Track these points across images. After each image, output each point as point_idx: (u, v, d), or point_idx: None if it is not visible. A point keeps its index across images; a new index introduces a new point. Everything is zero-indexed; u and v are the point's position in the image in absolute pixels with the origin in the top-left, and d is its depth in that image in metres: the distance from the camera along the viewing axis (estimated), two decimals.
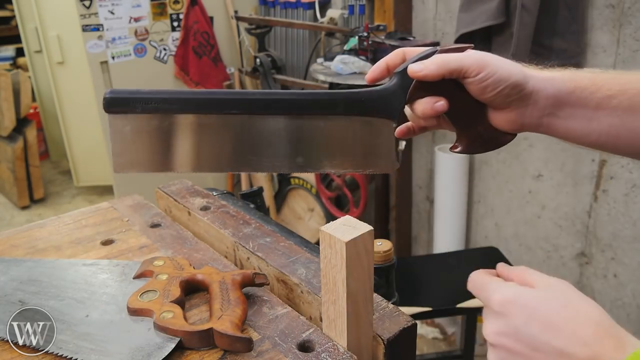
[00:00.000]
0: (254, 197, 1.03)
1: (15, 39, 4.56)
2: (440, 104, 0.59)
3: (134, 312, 0.68)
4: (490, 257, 2.00)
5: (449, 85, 0.60)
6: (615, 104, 0.59)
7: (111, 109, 0.55)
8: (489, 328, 0.48)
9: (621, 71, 0.62)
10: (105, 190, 3.82)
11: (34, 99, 4.13)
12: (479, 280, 0.53)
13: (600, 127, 0.61)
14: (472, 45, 0.62)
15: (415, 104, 0.61)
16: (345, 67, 2.22)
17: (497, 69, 0.58)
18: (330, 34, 2.75)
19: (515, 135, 0.66)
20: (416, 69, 0.58)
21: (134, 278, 0.75)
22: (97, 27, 2.80)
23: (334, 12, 2.75)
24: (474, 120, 0.63)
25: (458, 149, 0.65)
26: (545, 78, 0.61)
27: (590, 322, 0.43)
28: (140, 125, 0.56)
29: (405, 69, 0.59)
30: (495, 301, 0.48)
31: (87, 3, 2.75)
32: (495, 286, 0.50)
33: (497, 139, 0.65)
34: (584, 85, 0.60)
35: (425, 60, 0.59)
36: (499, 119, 0.63)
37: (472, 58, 0.59)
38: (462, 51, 0.61)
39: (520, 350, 0.45)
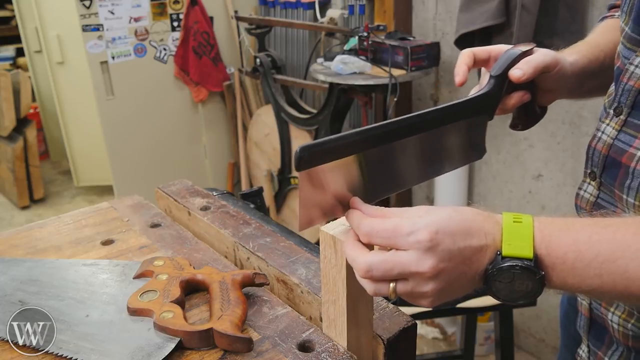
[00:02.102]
0: (254, 197, 1.03)
1: (15, 39, 4.56)
2: (527, 96, 0.75)
3: (134, 312, 0.68)
4: None
5: None
6: (605, 65, 0.80)
7: (306, 165, 0.54)
8: (426, 265, 0.51)
9: (588, 40, 0.86)
10: (105, 190, 3.82)
11: (34, 99, 4.13)
12: (381, 233, 0.53)
13: (596, 83, 0.82)
14: (535, 44, 0.75)
15: (507, 99, 0.74)
16: (345, 67, 2.22)
17: (562, 62, 0.74)
18: (330, 34, 2.75)
19: (547, 108, 0.82)
20: (519, 75, 0.71)
21: (134, 278, 0.75)
22: (97, 27, 2.80)
23: (334, 12, 2.75)
24: (533, 103, 0.77)
25: (519, 128, 0.81)
26: (572, 62, 0.77)
27: (478, 216, 0.54)
28: (332, 172, 0.56)
29: (503, 74, 0.71)
30: (423, 238, 0.51)
31: (87, 3, 2.75)
32: (408, 227, 0.52)
33: (540, 114, 0.80)
34: (587, 59, 0.79)
35: (522, 66, 0.71)
36: (546, 97, 0.78)
37: (549, 56, 0.73)
38: (532, 51, 0.73)
39: (456, 265, 0.52)
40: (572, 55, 0.78)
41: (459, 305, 1.69)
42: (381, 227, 0.53)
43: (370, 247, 0.55)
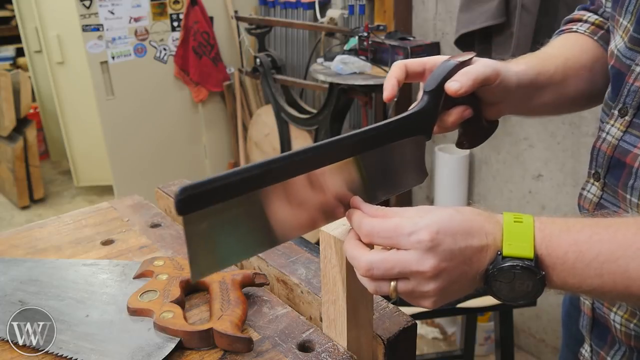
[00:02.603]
0: None
1: (15, 39, 4.56)
2: (468, 112, 0.67)
3: (134, 312, 0.68)
4: None
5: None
6: (555, 79, 0.77)
7: (187, 209, 0.47)
8: (427, 264, 0.51)
9: (539, 52, 0.81)
10: (105, 190, 3.82)
11: (34, 99, 4.13)
12: (382, 233, 0.53)
13: (546, 99, 0.77)
14: (475, 53, 0.69)
15: (446, 115, 0.67)
16: (345, 67, 2.22)
17: (503, 72, 0.68)
18: (330, 34, 2.75)
19: (497, 121, 0.76)
20: (456, 88, 0.63)
21: (134, 278, 0.75)
22: (97, 27, 2.80)
23: (334, 12, 2.75)
24: (478, 118, 0.70)
25: (466, 145, 0.73)
26: (518, 72, 0.71)
27: (478, 216, 0.54)
28: (222, 216, 0.49)
29: (437, 88, 0.64)
30: (424, 238, 0.51)
31: (87, 3, 2.75)
32: (409, 227, 0.51)
33: (490, 128, 0.73)
34: (535, 70, 0.74)
35: (459, 78, 0.64)
36: (492, 111, 0.72)
37: (489, 67, 0.66)
38: (471, 61, 0.67)
39: (457, 265, 0.52)
40: (519, 65, 0.73)
41: (459, 305, 1.69)
42: (382, 226, 0.53)
43: (371, 246, 0.55)
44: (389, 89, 0.67)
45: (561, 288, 0.54)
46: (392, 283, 0.53)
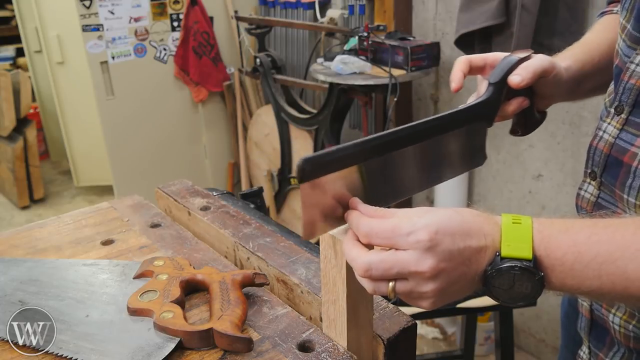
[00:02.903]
0: (254, 197, 1.03)
1: (15, 39, 4.56)
2: (526, 102, 0.75)
3: (134, 312, 0.68)
4: None
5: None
6: (600, 66, 0.82)
7: (308, 176, 0.54)
8: (426, 264, 0.51)
9: (584, 40, 0.86)
10: (105, 190, 3.82)
11: (34, 99, 4.13)
12: (380, 234, 0.53)
13: (593, 84, 0.83)
14: (532, 50, 0.76)
15: (506, 105, 0.74)
16: (345, 67, 2.22)
17: (558, 67, 0.75)
18: (330, 34, 2.75)
19: (546, 112, 0.83)
20: (518, 80, 0.71)
21: (134, 278, 0.75)
22: (97, 27, 2.80)
23: (334, 12, 2.75)
24: (531, 109, 0.78)
25: (519, 133, 0.82)
26: (565, 67, 0.78)
27: (477, 217, 0.55)
28: (335, 181, 0.56)
29: (501, 80, 0.71)
30: (423, 238, 0.51)
31: (87, 3, 2.75)
32: (408, 227, 0.52)
33: (539, 119, 0.82)
34: (580, 63, 0.81)
35: (521, 72, 0.71)
36: (543, 103, 0.79)
37: (546, 61, 0.73)
38: (530, 57, 0.74)
39: (455, 266, 0.52)
40: (566, 60, 0.79)
41: (459, 305, 1.69)
42: (380, 227, 0.53)
43: (369, 247, 0.55)
44: (457, 80, 0.75)
45: (560, 289, 0.54)
46: (391, 283, 0.53)
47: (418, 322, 1.11)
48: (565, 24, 1.84)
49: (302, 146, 2.74)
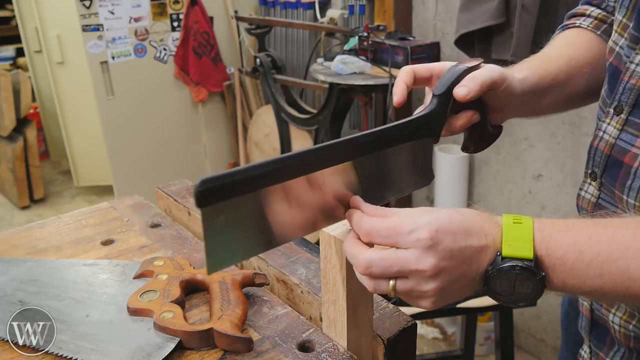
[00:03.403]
0: None
1: (15, 39, 4.55)
2: (476, 116, 0.70)
3: (134, 312, 0.68)
4: None
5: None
6: (558, 81, 0.77)
7: (206, 201, 0.48)
8: (426, 263, 0.51)
9: (541, 54, 0.81)
10: (105, 190, 3.82)
11: (34, 99, 4.13)
12: (381, 232, 0.53)
13: (549, 100, 0.79)
14: (482, 59, 0.71)
15: (454, 120, 0.69)
16: (345, 67, 2.22)
17: (509, 79, 0.70)
18: (330, 34, 2.75)
19: (502, 126, 0.77)
20: (464, 93, 0.65)
21: (134, 278, 0.75)
22: (97, 27, 2.80)
23: (334, 12, 2.75)
24: (484, 123, 0.72)
25: (472, 150, 0.75)
26: (520, 79, 0.72)
27: (478, 217, 0.54)
28: (239, 210, 0.51)
29: (446, 92, 0.65)
30: (424, 237, 0.51)
31: (87, 3, 2.75)
32: (409, 225, 0.52)
33: (494, 134, 0.75)
34: (537, 76, 0.75)
35: (467, 83, 0.65)
36: (497, 117, 0.74)
37: (496, 72, 0.68)
38: (479, 66, 0.68)
39: (456, 265, 0.52)
40: (522, 71, 0.74)
41: (459, 305, 1.69)
42: (382, 225, 0.53)
43: (370, 246, 0.55)
44: (399, 93, 0.68)
45: (561, 289, 0.54)
46: (391, 282, 0.53)
47: (418, 322, 1.11)
48: None
49: (302, 146, 2.74)
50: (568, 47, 0.83)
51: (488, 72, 0.67)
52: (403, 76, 0.70)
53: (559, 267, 0.52)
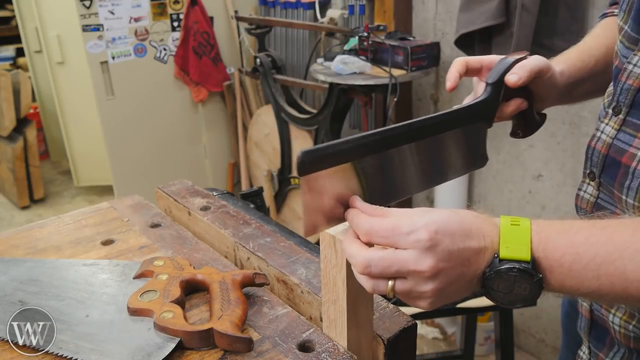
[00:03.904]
0: (254, 197, 1.03)
1: (15, 39, 4.56)
2: (525, 104, 0.76)
3: (134, 312, 0.68)
4: None
5: (522, 87, 0.74)
6: (595, 71, 0.83)
7: (307, 169, 0.54)
8: (425, 264, 0.51)
9: (580, 45, 0.87)
10: (105, 190, 3.82)
11: (34, 99, 4.13)
12: (381, 232, 0.53)
13: (588, 88, 0.85)
14: (529, 52, 0.77)
15: (505, 106, 0.75)
16: (345, 67, 2.22)
17: (553, 69, 0.76)
18: (330, 34, 2.75)
19: (546, 114, 0.83)
20: (515, 79, 0.72)
21: (134, 278, 0.75)
22: (97, 27, 2.80)
23: (334, 12, 2.75)
24: (531, 110, 0.79)
25: (520, 135, 0.82)
26: (560, 72, 0.79)
27: (476, 218, 0.55)
28: (334, 178, 0.56)
29: (499, 80, 0.72)
30: (423, 237, 0.51)
31: (87, 3, 2.75)
32: (408, 226, 0.52)
33: (540, 121, 0.82)
34: (574, 68, 0.81)
35: (517, 71, 0.72)
36: (540, 105, 0.80)
37: (542, 61, 0.74)
38: (526, 57, 0.74)
39: (454, 266, 0.52)
40: (560, 64, 0.80)
41: (459, 305, 1.69)
42: (380, 225, 0.53)
43: (369, 246, 0.55)
44: (452, 80, 0.76)
45: (559, 291, 0.54)
46: (390, 282, 0.53)
47: (418, 322, 1.11)
48: (565, 24, 1.84)
49: (302, 146, 2.74)
50: (605, 36, 0.86)
51: (535, 61, 0.74)
52: (457, 66, 0.77)
53: (557, 269, 0.53)
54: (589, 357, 0.80)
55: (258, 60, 2.82)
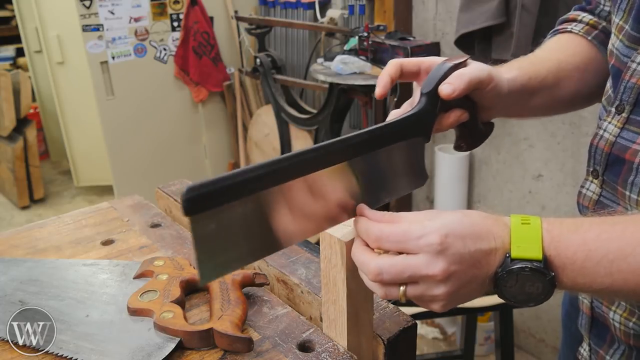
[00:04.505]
0: None
1: (15, 39, 4.56)
2: (465, 115, 0.68)
3: (134, 312, 0.68)
4: None
5: (463, 97, 0.66)
6: (547, 83, 0.77)
7: (194, 209, 0.46)
8: (437, 268, 0.51)
9: (532, 56, 0.81)
10: (105, 190, 3.82)
11: (34, 99, 4.13)
12: (391, 238, 0.53)
13: (538, 102, 0.78)
14: (470, 56, 0.69)
15: (443, 118, 0.67)
16: (345, 67, 2.22)
17: (497, 78, 0.68)
18: (330, 34, 2.75)
19: (493, 123, 0.76)
20: (449, 91, 0.63)
21: (134, 278, 0.75)
22: (97, 27, 2.80)
23: (334, 12, 2.75)
24: (474, 121, 0.70)
25: (464, 148, 0.74)
26: (509, 79, 0.72)
27: (486, 219, 0.54)
28: (229, 217, 0.48)
29: (433, 90, 0.64)
30: (434, 241, 0.51)
31: (87, 3, 2.75)
32: (418, 231, 0.52)
33: (485, 131, 0.74)
34: (527, 76, 0.75)
35: (452, 81, 0.63)
36: (486, 115, 0.73)
37: (484, 71, 0.67)
38: (466, 64, 0.67)
39: (466, 269, 0.52)
40: (512, 71, 0.73)
41: (459, 305, 1.69)
42: (391, 231, 0.53)
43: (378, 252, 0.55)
44: (382, 86, 0.67)
45: (571, 289, 0.54)
46: (402, 288, 0.53)
47: (418, 322, 1.11)
48: None
49: (303, 146, 2.74)
50: (558, 50, 0.83)
51: (476, 70, 0.66)
52: (389, 69, 0.68)
53: (569, 267, 0.52)
54: (590, 354, 0.80)
55: (258, 60, 2.82)
